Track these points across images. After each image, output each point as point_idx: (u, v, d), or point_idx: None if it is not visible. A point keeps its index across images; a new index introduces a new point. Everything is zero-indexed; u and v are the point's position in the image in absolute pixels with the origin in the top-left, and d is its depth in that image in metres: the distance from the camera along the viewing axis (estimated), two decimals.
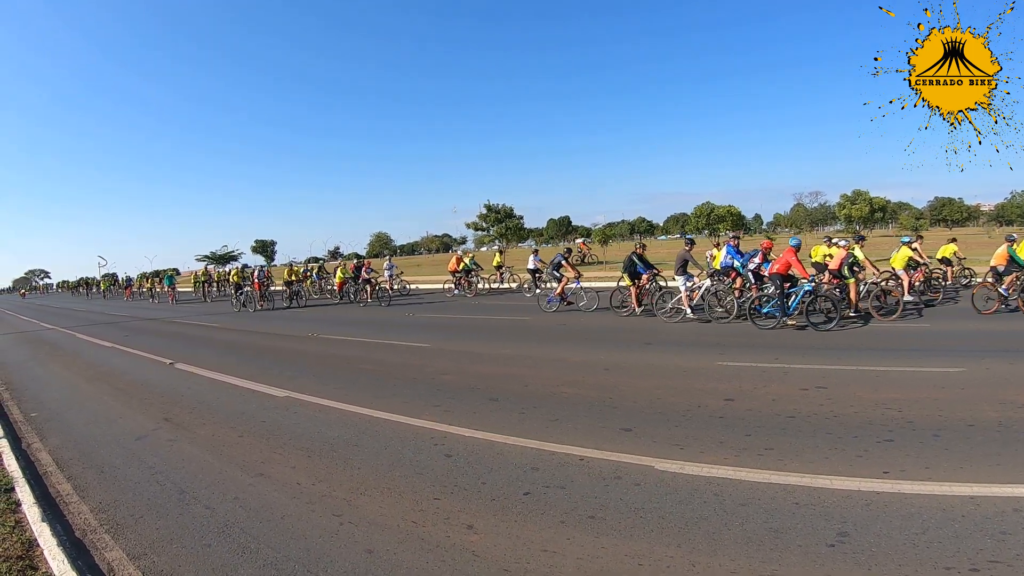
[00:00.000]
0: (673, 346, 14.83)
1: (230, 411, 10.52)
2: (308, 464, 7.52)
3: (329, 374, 13.37)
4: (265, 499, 6.50)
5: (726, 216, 48.93)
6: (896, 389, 9.72)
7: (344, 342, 18.46)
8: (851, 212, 56.30)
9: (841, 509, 5.52)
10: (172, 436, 9.22)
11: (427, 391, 11.07)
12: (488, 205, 65.64)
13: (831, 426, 7.94)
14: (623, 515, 5.59)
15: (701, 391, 10.05)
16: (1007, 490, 5.78)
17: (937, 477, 6.13)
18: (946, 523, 5.16)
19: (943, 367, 11.04)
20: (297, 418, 9.75)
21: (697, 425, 8.19)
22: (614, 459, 6.99)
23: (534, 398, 10.18)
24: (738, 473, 6.44)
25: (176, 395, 12.17)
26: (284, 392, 11.46)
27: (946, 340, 14.03)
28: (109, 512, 6.48)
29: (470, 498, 6.17)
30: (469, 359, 14.28)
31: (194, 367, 15.08)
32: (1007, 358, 11.66)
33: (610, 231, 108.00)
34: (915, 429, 7.68)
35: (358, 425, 9.12)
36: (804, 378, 10.62)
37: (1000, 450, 6.89)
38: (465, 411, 9.52)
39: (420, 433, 8.49)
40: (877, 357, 12.18)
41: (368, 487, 6.64)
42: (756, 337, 15.37)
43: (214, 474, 7.42)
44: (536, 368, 12.80)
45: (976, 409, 8.45)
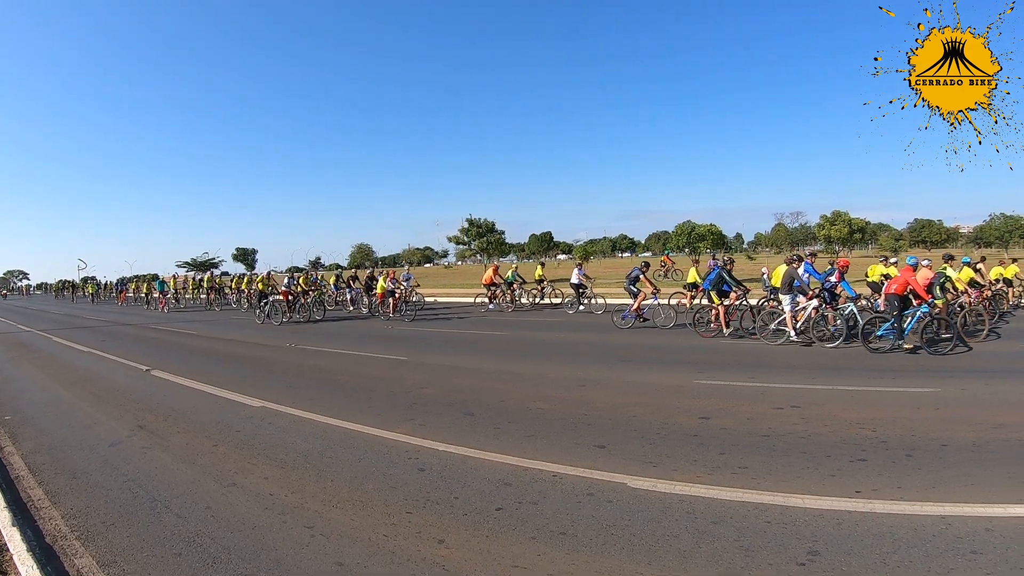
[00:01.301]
0: (651, 363, 14.89)
1: (205, 420, 10.46)
2: (281, 475, 7.49)
3: (306, 385, 13.31)
4: (237, 509, 6.48)
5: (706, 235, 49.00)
6: (870, 409, 9.82)
7: (322, 353, 18.36)
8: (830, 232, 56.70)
9: (812, 528, 5.56)
10: (146, 443, 9.17)
11: (403, 404, 11.05)
12: (470, 219, 65.75)
13: (805, 445, 7.99)
14: (595, 532, 5.60)
15: (677, 409, 10.08)
16: (979, 510, 5.86)
17: (909, 496, 6.20)
18: (917, 542, 5.21)
19: (918, 387, 11.14)
20: (272, 428, 9.71)
21: (671, 443, 8.21)
22: (587, 476, 7.00)
23: (510, 413, 10.19)
24: (711, 491, 6.47)
25: (151, 402, 12.09)
26: (260, 402, 11.41)
27: (925, 361, 14.16)
28: (80, 519, 6.44)
29: (442, 512, 6.17)
30: (447, 373, 14.25)
31: (170, 374, 15.01)
32: (983, 379, 11.78)
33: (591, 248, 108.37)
34: (888, 448, 7.76)
35: (333, 437, 9.10)
36: (780, 397, 10.69)
37: (973, 470, 6.99)
38: (440, 425, 9.52)
39: (394, 446, 8.48)
40: (853, 377, 12.32)
41: (340, 499, 6.62)
42: (734, 355, 15.45)
43: (187, 483, 7.38)
44: (514, 383, 12.79)
45: (950, 429, 8.57)
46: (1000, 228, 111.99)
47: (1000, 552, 5.06)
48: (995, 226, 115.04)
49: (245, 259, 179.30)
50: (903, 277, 15.44)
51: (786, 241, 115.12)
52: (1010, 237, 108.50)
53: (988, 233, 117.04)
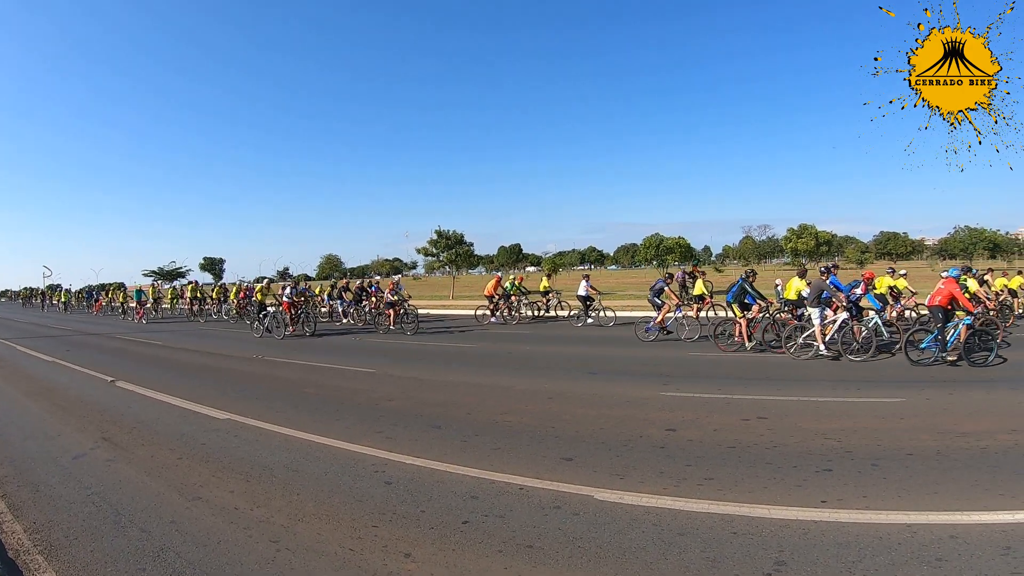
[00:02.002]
0: (618, 375, 14.94)
1: (170, 432, 10.36)
2: (247, 488, 7.44)
3: (273, 397, 13.24)
4: (202, 523, 6.42)
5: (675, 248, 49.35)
6: (836, 419, 9.94)
7: (290, 365, 18.26)
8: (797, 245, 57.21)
9: (779, 538, 5.60)
10: (110, 456, 9.08)
11: (371, 417, 11.03)
12: (439, 231, 65.59)
13: (771, 456, 8.07)
14: (561, 545, 5.61)
15: (644, 421, 10.12)
16: (943, 518, 5.96)
17: (874, 506, 6.28)
18: (882, 551, 5.27)
19: (884, 397, 11.27)
20: (238, 441, 9.65)
21: (638, 455, 8.25)
22: (554, 488, 7.01)
23: (477, 426, 10.20)
24: (677, 503, 6.51)
25: (116, 413, 11.97)
26: (226, 414, 11.33)
27: (891, 370, 14.32)
28: (43, 532, 6.35)
29: (409, 526, 6.15)
30: (416, 386, 14.20)
31: (136, 385, 14.86)
32: (948, 388, 11.96)
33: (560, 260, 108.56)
34: (854, 458, 7.85)
35: (299, 450, 9.05)
36: (746, 408, 10.76)
37: (938, 478, 7.10)
38: (407, 438, 9.49)
39: (361, 459, 8.45)
40: (819, 388, 12.46)
41: (306, 513, 6.58)
42: (701, 367, 15.56)
43: (151, 496, 7.30)
44: (481, 396, 12.81)
45: (915, 438, 8.71)
46: (964, 240, 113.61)
47: (965, 559, 5.13)
48: (959, 238, 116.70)
49: (212, 268, 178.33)
50: (947, 289, 15.39)
51: (753, 254, 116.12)
52: (974, 249, 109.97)
53: (952, 245, 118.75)
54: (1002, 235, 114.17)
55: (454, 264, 65.67)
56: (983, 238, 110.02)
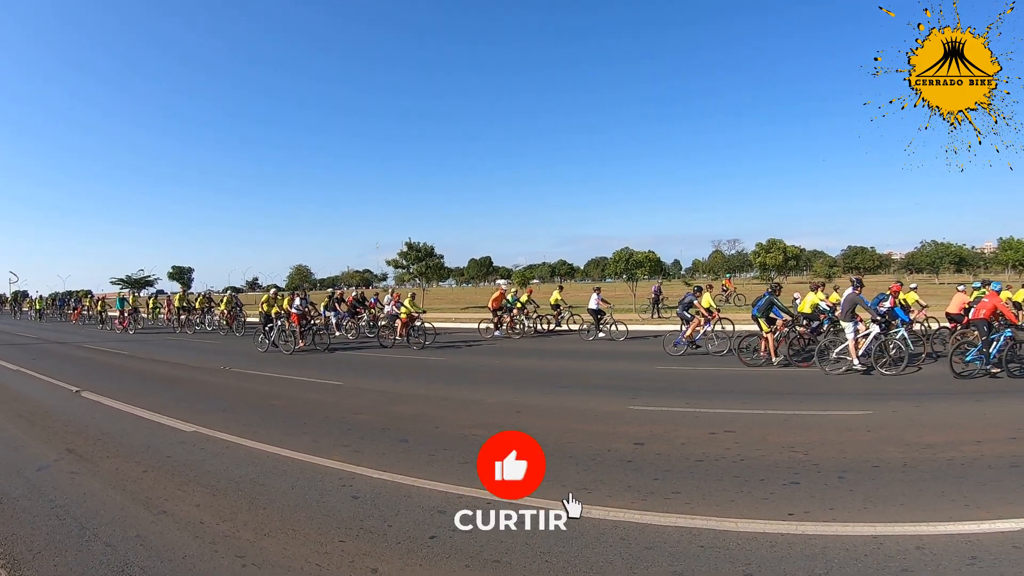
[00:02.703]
0: (588, 389, 14.96)
1: (135, 444, 10.27)
2: (213, 502, 7.39)
3: (240, 409, 13.16)
4: (167, 538, 6.36)
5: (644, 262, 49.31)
6: (804, 432, 10.03)
7: (258, 377, 18.13)
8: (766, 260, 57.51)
9: (746, 551, 5.65)
10: (74, 468, 8.98)
11: (338, 430, 10.99)
12: (409, 243, 65.37)
13: (738, 469, 8.13)
14: (528, 559, 5.63)
15: (612, 435, 10.15)
16: (909, 529, 6.03)
17: (841, 518, 6.35)
18: (849, 562, 5.34)
19: (851, 410, 11.38)
20: (204, 454, 9.57)
21: (606, 469, 8.27)
22: (522, 503, 7.00)
23: (445, 440, 10.20)
24: (644, 517, 6.54)
25: (81, 425, 11.85)
26: (192, 427, 11.24)
27: (856, 384, 14.47)
28: (6, 546, 6.27)
29: (375, 541, 6.14)
30: (384, 399, 14.16)
31: (101, 396, 14.71)
32: (914, 400, 12.09)
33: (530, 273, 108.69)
34: (820, 471, 7.92)
35: (266, 463, 9.00)
36: (714, 422, 10.82)
37: (904, 490, 7.20)
38: (375, 452, 9.47)
39: (328, 473, 8.41)
40: (787, 401, 12.56)
41: (273, 528, 6.55)
42: (669, 381, 15.60)
43: (116, 510, 7.23)
44: (450, 409, 12.80)
45: (881, 450, 8.82)
46: (931, 255, 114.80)
47: (931, 569, 5.22)
48: (926, 252, 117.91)
49: (181, 277, 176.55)
50: (991, 302, 15.53)
51: (723, 268, 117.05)
52: (940, 263, 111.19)
53: (919, 260, 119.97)
54: (968, 249, 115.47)
55: (424, 276, 65.48)
56: (949, 252, 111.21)
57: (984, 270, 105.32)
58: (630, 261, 52.13)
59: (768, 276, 57.66)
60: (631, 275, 50.92)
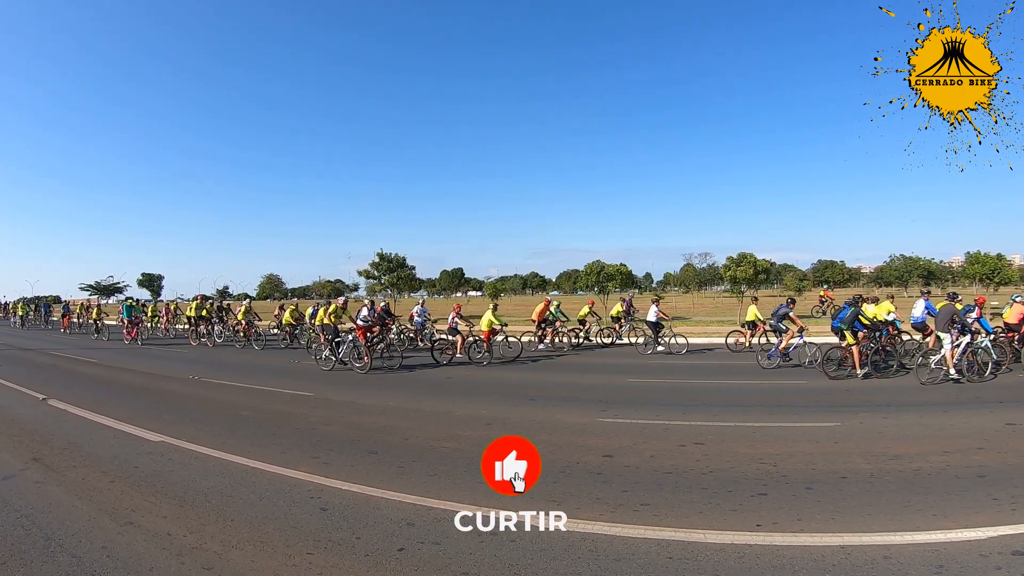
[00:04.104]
0: (557, 401, 15.01)
1: (102, 454, 10.18)
2: (180, 513, 7.33)
3: (208, 419, 13.05)
4: (134, 549, 6.31)
5: (615, 275, 49.44)
6: (772, 444, 10.13)
7: (227, 387, 17.95)
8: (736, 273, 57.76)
9: (714, 562, 5.70)
10: (40, 478, 8.89)
11: (307, 441, 10.93)
12: (380, 254, 65.20)
13: (707, 481, 8.19)
14: (497, 571, 5.64)
15: (581, 447, 10.17)
16: (877, 538, 6.12)
17: (809, 528, 6.44)
18: (817, 572, 5.41)
19: (819, 422, 11.50)
20: (172, 464, 9.51)
21: (575, 481, 8.30)
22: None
23: (414, 451, 10.19)
24: (613, 529, 6.57)
25: (47, 433, 11.74)
26: (160, 436, 11.15)
27: (826, 396, 14.64)
28: None
29: (344, 553, 6.12)
30: (352, 410, 14.14)
31: (68, 404, 14.55)
32: (882, 412, 12.25)
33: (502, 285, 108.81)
34: (788, 482, 8.01)
35: (234, 474, 8.95)
36: (683, 434, 10.88)
37: (871, 500, 7.31)
38: (344, 463, 9.43)
39: (297, 485, 8.38)
40: (755, 413, 12.65)
41: (240, 540, 6.51)
42: (639, 394, 15.63)
43: (82, 521, 7.17)
44: (419, 421, 12.77)
45: (849, 461, 8.95)
46: (900, 268, 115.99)
47: None
48: (895, 266, 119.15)
49: (151, 285, 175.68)
50: None
51: (694, 281, 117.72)
52: (909, 277, 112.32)
53: (888, 273, 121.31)
54: (936, 263, 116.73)
55: (395, 287, 65.33)
56: (917, 266, 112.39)
57: (952, 284, 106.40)
58: (601, 274, 52.26)
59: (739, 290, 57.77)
60: (602, 288, 51.03)
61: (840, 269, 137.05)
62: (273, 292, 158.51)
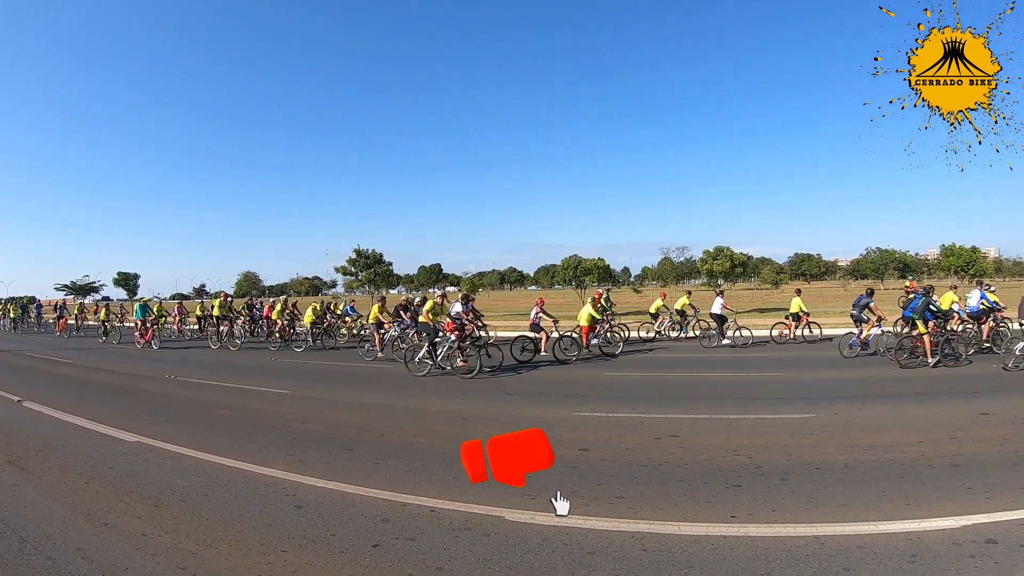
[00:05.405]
0: (533, 396, 15.06)
1: (78, 455, 10.11)
2: (155, 514, 7.29)
3: (184, 419, 12.95)
4: (109, 550, 6.28)
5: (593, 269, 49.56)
6: (747, 436, 10.17)
7: (202, 386, 17.85)
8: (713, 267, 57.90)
9: (688, 554, 5.72)
10: (15, 480, 8.82)
11: (283, 439, 10.89)
12: (358, 250, 65.16)
13: (682, 473, 8.22)
14: (472, 566, 5.66)
15: (557, 441, 10.06)
16: (851, 528, 6.17)
17: (783, 519, 6.47)
18: (791, 563, 5.43)
19: (794, 414, 11.57)
20: (147, 465, 9.44)
21: (550, 475, 8.21)
22: (465, 510, 7.05)
23: (389, 448, 10.16)
24: (587, 522, 6.59)
25: (22, 435, 11.64)
26: (135, 437, 11.06)
27: (801, 388, 14.80)
28: None
29: (318, 550, 6.11)
30: (328, 407, 14.10)
31: (44, 406, 14.42)
32: (856, 403, 12.34)
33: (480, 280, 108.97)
34: (763, 474, 8.07)
35: (209, 473, 8.90)
36: (659, 427, 10.93)
37: (845, 491, 7.36)
38: (319, 461, 9.40)
39: (272, 483, 8.35)
40: (731, 405, 12.76)
41: (215, 539, 6.48)
42: (615, 388, 15.68)
43: (57, 522, 7.11)
44: (394, 418, 12.75)
45: (823, 452, 9.00)
46: (875, 261, 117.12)
47: (871, 568, 5.33)
48: (871, 259, 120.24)
49: (127, 284, 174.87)
50: None
51: (671, 275, 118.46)
52: (885, 270, 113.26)
53: (864, 266, 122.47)
54: (911, 256, 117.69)
55: (373, 283, 65.23)
56: (893, 259, 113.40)
57: (927, 276, 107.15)
58: (579, 268, 52.35)
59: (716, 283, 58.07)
60: (580, 282, 51.10)
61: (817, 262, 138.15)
62: (251, 290, 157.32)
